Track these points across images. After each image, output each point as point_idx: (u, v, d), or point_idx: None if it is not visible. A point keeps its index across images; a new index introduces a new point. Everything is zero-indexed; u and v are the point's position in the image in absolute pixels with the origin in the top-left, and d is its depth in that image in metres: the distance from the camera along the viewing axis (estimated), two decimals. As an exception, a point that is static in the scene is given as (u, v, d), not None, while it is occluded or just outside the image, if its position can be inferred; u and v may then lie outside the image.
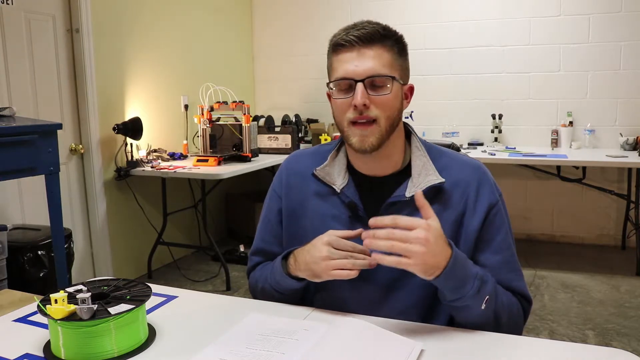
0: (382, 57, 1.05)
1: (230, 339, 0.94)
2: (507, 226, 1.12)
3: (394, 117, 1.07)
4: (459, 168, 1.12)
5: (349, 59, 1.05)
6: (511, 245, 1.12)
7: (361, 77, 1.03)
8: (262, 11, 4.92)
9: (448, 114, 4.37)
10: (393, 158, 1.13)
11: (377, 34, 1.05)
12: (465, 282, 0.98)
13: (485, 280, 1.01)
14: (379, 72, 1.04)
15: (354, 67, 1.04)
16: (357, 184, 1.14)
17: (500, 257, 1.09)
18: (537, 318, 2.85)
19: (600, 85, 3.97)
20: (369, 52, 1.04)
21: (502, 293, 1.05)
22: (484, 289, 0.99)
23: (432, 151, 1.14)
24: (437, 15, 4.33)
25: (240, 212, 4.45)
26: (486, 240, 1.09)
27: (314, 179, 1.16)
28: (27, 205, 2.91)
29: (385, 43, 1.06)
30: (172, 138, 3.91)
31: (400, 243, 0.92)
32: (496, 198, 1.11)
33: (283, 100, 4.90)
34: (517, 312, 1.08)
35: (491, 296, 1.00)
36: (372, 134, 1.05)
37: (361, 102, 1.03)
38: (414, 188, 1.07)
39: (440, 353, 0.89)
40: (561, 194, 4.15)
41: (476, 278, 0.99)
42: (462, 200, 1.09)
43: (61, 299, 0.87)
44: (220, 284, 3.50)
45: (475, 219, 1.08)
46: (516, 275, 1.10)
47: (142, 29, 3.62)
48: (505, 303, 1.05)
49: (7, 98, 2.79)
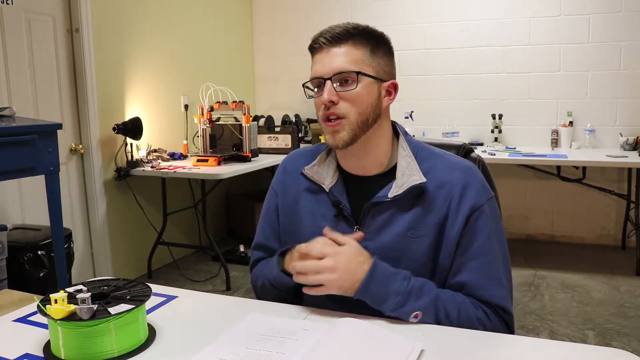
0: (350, 54, 1.06)
1: (230, 339, 0.94)
2: (492, 231, 1.07)
3: (367, 112, 1.08)
4: (447, 170, 1.10)
5: (319, 59, 1.09)
6: (493, 252, 1.07)
7: (328, 75, 1.06)
8: (262, 11, 4.92)
9: (448, 114, 4.37)
10: (377, 158, 1.13)
11: (345, 33, 1.07)
12: (385, 298, 1.00)
13: (414, 295, 1.00)
14: (345, 68, 1.06)
15: (322, 65, 1.08)
16: (346, 183, 1.15)
17: (475, 263, 1.05)
18: (537, 318, 2.85)
19: (600, 85, 3.97)
20: (337, 50, 1.07)
21: (450, 306, 1.02)
22: (410, 305, 1.00)
23: (422, 152, 1.13)
24: (437, 15, 4.32)
25: (240, 212, 4.45)
26: (464, 244, 1.06)
27: (304, 178, 1.18)
28: (27, 205, 2.91)
29: (355, 40, 1.07)
30: (172, 138, 3.91)
31: (313, 275, 1.00)
32: (481, 201, 1.07)
33: (283, 100, 4.90)
34: (475, 323, 1.02)
35: (425, 311, 1.00)
36: (342, 129, 1.07)
37: (327, 99, 1.06)
38: (397, 189, 1.07)
39: (440, 353, 0.89)
40: (561, 194, 4.15)
41: (399, 294, 1.00)
42: (446, 204, 1.07)
43: (61, 299, 0.86)
44: (220, 284, 3.50)
45: (457, 223, 1.06)
46: (492, 283, 1.05)
47: (142, 29, 3.62)
48: (454, 315, 1.01)
49: (7, 98, 2.79)
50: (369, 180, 1.13)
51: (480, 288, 1.05)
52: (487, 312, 1.04)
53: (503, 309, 1.05)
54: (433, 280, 1.07)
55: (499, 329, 1.04)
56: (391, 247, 1.08)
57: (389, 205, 1.08)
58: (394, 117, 1.16)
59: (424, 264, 1.08)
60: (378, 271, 1.01)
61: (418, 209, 1.07)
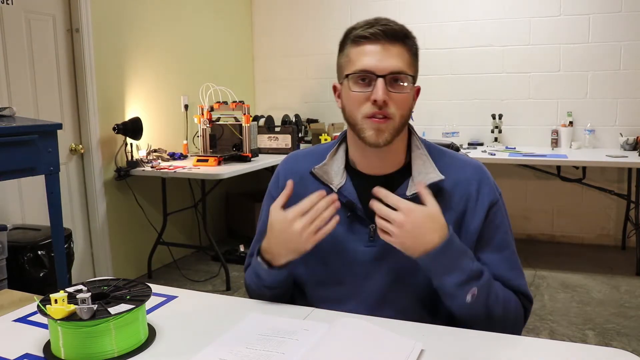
0: (404, 55, 1.06)
1: (230, 339, 0.94)
2: (507, 225, 1.13)
3: (407, 115, 1.09)
4: (460, 168, 1.13)
5: (372, 52, 1.04)
6: (511, 244, 1.12)
7: (384, 72, 1.03)
8: (262, 11, 4.92)
9: (448, 114, 4.37)
10: (396, 156, 1.13)
11: (401, 33, 1.06)
12: (452, 271, 1.00)
13: (475, 277, 1.01)
14: (403, 69, 1.05)
15: (377, 61, 1.03)
16: (356, 183, 1.13)
17: (500, 256, 1.10)
18: (537, 318, 2.85)
19: (600, 85, 3.97)
20: (393, 49, 1.04)
21: (498, 289, 1.06)
22: (471, 284, 1.00)
23: (432, 150, 1.15)
24: (437, 15, 4.32)
25: (240, 212, 4.45)
26: (486, 238, 1.10)
27: (312, 178, 1.15)
28: (27, 205, 2.91)
29: (407, 43, 1.07)
30: (172, 138, 3.91)
31: (381, 220, 0.99)
32: (496, 197, 1.12)
33: (283, 100, 4.90)
34: (514, 309, 1.08)
35: (481, 291, 1.01)
36: (387, 129, 1.05)
37: (382, 99, 1.02)
38: (414, 187, 1.07)
39: (440, 353, 0.89)
40: (561, 194, 4.15)
41: (465, 272, 1.00)
42: (463, 200, 1.09)
43: (61, 299, 0.86)
44: (220, 284, 3.50)
45: (477, 218, 1.09)
46: (516, 273, 1.11)
47: (142, 29, 3.62)
48: (501, 299, 1.05)
49: (7, 98, 2.79)
50: (381, 179, 1.12)
51: (508, 279, 1.09)
52: (519, 298, 1.10)
53: (526, 296, 1.11)
54: None
55: (522, 317, 1.10)
56: None
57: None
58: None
59: None
60: (454, 244, 1.01)
61: None
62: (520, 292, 1.10)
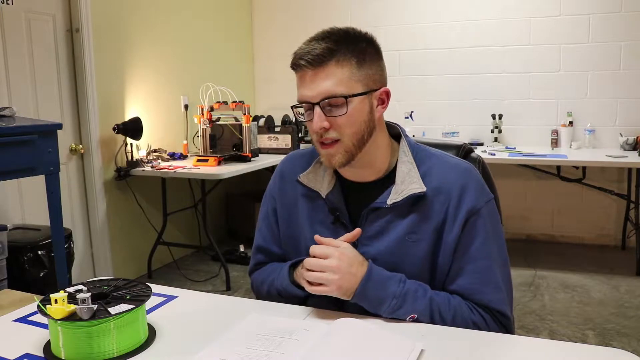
0: (335, 74, 1.00)
1: (230, 339, 0.94)
2: (490, 234, 1.06)
3: (361, 130, 1.04)
4: (444, 172, 1.08)
5: (304, 80, 1.04)
6: (490, 255, 1.05)
7: (316, 100, 1.02)
8: (262, 11, 4.92)
9: (448, 114, 4.37)
10: (375, 165, 1.11)
11: (326, 52, 1.00)
12: (382, 301, 1.01)
13: (409, 299, 1.01)
14: (333, 92, 1.00)
15: (309, 90, 1.03)
16: (343, 188, 1.13)
17: (472, 267, 1.04)
18: (537, 318, 2.85)
19: (600, 85, 3.97)
20: (321, 73, 1.01)
21: (448, 309, 1.02)
22: (406, 307, 1.00)
23: (420, 154, 1.11)
24: (437, 15, 4.32)
25: (240, 212, 4.45)
26: (461, 248, 1.05)
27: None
28: (27, 205, 2.91)
29: (338, 58, 1.00)
30: (172, 138, 3.91)
31: (315, 273, 1.01)
32: (480, 204, 1.06)
33: (283, 100, 4.88)
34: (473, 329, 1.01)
35: (421, 313, 1.01)
36: (338, 152, 1.04)
37: (318, 127, 1.02)
38: (396, 195, 1.06)
39: (440, 353, 0.89)
40: (561, 194, 4.15)
41: (395, 297, 1.00)
42: (444, 208, 1.06)
43: (61, 299, 0.86)
44: (220, 284, 3.50)
45: (455, 227, 1.05)
46: (489, 288, 1.04)
47: (142, 29, 3.62)
48: (449, 320, 1.02)
49: (7, 98, 2.79)
50: (367, 185, 1.12)
51: (477, 292, 1.04)
52: (485, 316, 1.03)
53: (501, 313, 1.04)
54: (432, 284, 1.07)
55: (487, 329, 1.03)
56: (390, 252, 1.07)
57: (387, 211, 1.07)
58: (394, 117, 1.15)
59: (423, 268, 1.07)
60: (374, 274, 1.02)
61: (416, 214, 1.06)
62: (489, 308, 1.03)
